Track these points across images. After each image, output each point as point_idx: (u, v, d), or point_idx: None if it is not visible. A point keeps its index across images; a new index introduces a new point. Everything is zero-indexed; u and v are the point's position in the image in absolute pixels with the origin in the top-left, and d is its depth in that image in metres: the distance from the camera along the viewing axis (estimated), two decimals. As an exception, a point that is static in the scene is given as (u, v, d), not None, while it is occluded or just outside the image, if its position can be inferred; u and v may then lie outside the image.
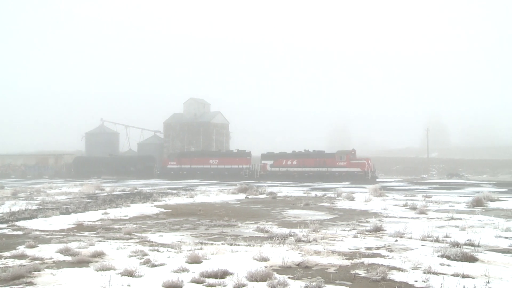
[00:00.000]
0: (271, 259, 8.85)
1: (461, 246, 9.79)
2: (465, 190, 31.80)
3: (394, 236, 11.68)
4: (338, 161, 51.13)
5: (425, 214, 16.60)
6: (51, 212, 17.16)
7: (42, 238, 11.70)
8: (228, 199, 24.36)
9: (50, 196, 25.88)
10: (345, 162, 50.87)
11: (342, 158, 51.08)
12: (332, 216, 16.48)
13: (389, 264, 8.52)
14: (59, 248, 9.73)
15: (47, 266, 8.40)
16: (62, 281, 7.35)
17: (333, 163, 51.37)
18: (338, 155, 51.67)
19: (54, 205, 20.70)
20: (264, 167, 54.83)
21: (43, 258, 9.03)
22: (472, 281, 7.22)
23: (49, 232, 12.85)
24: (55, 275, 7.71)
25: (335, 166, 51.24)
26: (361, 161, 51.17)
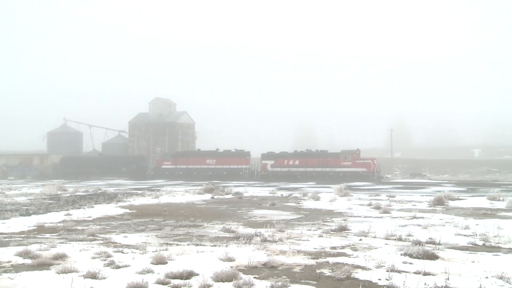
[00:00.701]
0: (237, 259, 8.83)
1: (423, 245, 9.99)
2: (427, 190, 32.55)
3: (359, 235, 11.83)
4: (342, 161, 50.34)
5: (389, 214, 16.89)
6: (9, 214, 16.66)
7: (0, 241, 11.35)
8: (194, 199, 24.21)
9: (9, 198, 25.13)
10: (350, 162, 50.08)
11: (347, 158, 50.23)
12: (298, 216, 16.58)
13: (353, 263, 8.62)
14: (18, 251, 9.43)
15: (4, 270, 8.13)
16: (21, 285, 7.14)
17: (337, 163, 50.55)
18: (343, 155, 50.76)
19: (14, 206, 20.11)
20: (264, 167, 53.58)
21: (1, 262, 8.74)
22: (433, 278, 7.38)
23: (8, 234, 12.46)
24: (13, 279, 7.48)
25: (340, 166, 50.39)
26: (366, 161, 50.42)
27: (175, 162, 57.95)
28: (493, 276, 7.56)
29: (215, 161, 56.31)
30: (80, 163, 65.01)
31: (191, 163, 57.13)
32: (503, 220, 14.76)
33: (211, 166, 56.32)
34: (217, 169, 55.71)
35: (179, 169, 57.36)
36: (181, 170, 57.19)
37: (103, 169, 62.11)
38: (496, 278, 7.47)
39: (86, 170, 62.27)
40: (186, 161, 57.55)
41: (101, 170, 62.01)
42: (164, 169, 58.18)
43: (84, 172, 61.52)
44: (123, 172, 60.73)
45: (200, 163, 56.83)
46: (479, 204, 20.58)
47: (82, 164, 64.42)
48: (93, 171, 61.93)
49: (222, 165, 55.71)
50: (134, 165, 61.51)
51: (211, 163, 56.48)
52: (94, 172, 61.63)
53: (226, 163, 55.66)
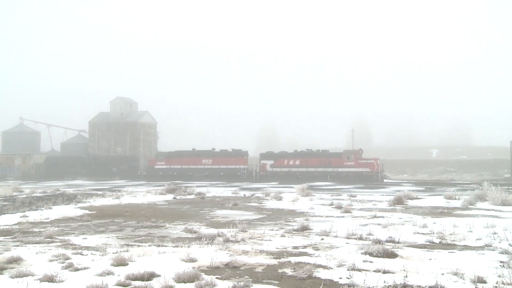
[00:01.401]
0: (199, 259, 8.79)
1: (383, 243, 10.18)
2: (387, 189, 33.21)
3: (320, 234, 11.95)
4: (345, 161, 49.47)
5: (350, 213, 17.13)
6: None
7: (-47, 243, 10.91)
8: (156, 199, 23.95)
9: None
10: (353, 162, 49.22)
11: (350, 158, 49.43)
12: (260, 216, 16.63)
13: (315, 262, 8.70)
14: (-29, 254, 9.11)
15: (-43, 273, 7.84)
16: (-26, 289, 6.89)
17: (340, 163, 49.71)
18: (346, 155, 50.06)
19: (-33, 208, 19.39)
20: (263, 167, 52.23)
21: (-47, 265, 8.41)
22: (392, 276, 7.53)
23: (-39, 237, 12.01)
24: (-34, 283, 7.21)
25: (342, 166, 49.56)
26: (369, 161, 49.56)
27: (169, 162, 55.93)
28: (449, 273, 7.78)
29: (212, 161, 54.51)
30: (66, 163, 62.77)
31: (185, 163, 55.20)
32: (458, 218, 15.20)
33: (207, 166, 54.50)
34: (213, 169, 53.92)
35: (173, 169, 55.46)
36: (175, 170, 55.26)
37: (92, 169, 60.23)
38: (451, 274, 7.69)
39: (73, 170, 60.21)
40: (180, 161, 55.53)
41: (90, 170, 60.11)
42: (157, 169, 56.06)
43: (71, 172, 59.42)
44: (113, 173, 58.78)
45: (196, 163, 54.93)
46: (437, 203, 21.14)
47: (68, 164, 62.21)
48: (80, 172, 59.95)
49: (219, 165, 53.97)
50: (125, 165, 59.72)
51: (207, 163, 54.67)
52: (82, 173, 59.69)
53: (223, 163, 53.97)
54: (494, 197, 20.47)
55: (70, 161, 63.49)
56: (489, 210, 18.07)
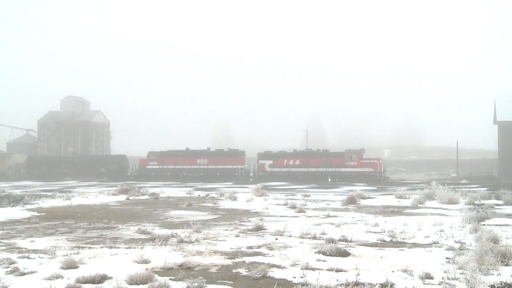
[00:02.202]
0: (153, 261, 8.66)
1: (336, 242, 10.34)
2: (341, 189, 33.79)
3: (275, 234, 12.02)
4: (347, 161, 48.47)
5: (304, 213, 17.31)
6: None
7: None
8: (108, 200, 23.45)
9: None
10: (356, 162, 48.26)
11: (353, 158, 48.39)
12: (215, 216, 16.57)
13: (269, 262, 8.74)
14: None
15: None
16: None
17: (342, 163, 48.67)
18: (348, 155, 48.88)
19: None
20: (262, 167, 50.73)
21: None
22: (345, 275, 7.66)
23: None
24: None
25: (345, 166, 48.52)
26: (372, 161, 48.78)
27: (162, 162, 53.78)
28: (399, 270, 7.98)
29: (207, 161, 52.68)
30: (50, 163, 60.11)
31: (179, 163, 53.12)
32: (408, 217, 15.64)
33: (202, 167, 52.63)
34: (209, 170, 52.15)
35: (166, 170, 53.35)
36: (169, 170, 53.19)
37: (78, 170, 57.93)
38: (401, 271, 7.90)
39: (57, 171, 57.61)
40: (174, 161, 53.35)
41: (76, 171, 57.77)
42: (149, 170, 53.78)
43: (55, 173, 56.73)
44: (102, 173, 56.54)
45: (190, 163, 52.95)
46: (388, 202, 21.68)
47: (52, 164, 59.60)
48: (66, 172, 57.47)
49: (216, 165, 52.17)
50: (114, 165, 57.53)
51: (202, 163, 52.77)
52: (68, 174, 57.19)
53: (220, 163, 52.22)
54: (441, 196, 21.20)
55: (55, 161, 61.02)
56: (437, 208, 18.68)
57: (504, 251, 8.75)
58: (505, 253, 8.70)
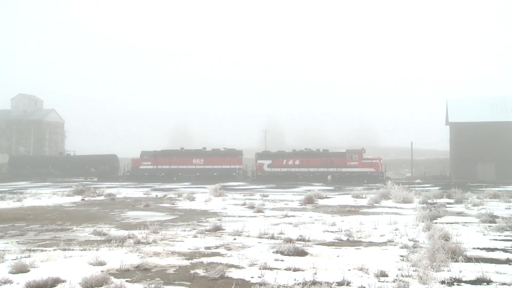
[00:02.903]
0: (108, 262, 8.49)
1: (294, 242, 10.42)
2: (299, 189, 34.10)
3: (233, 234, 12.01)
4: (348, 161, 47.91)
5: (262, 213, 17.37)
6: None
7: None
8: (63, 201, 22.84)
9: None
10: (357, 162, 47.76)
11: (354, 158, 47.88)
12: (173, 217, 16.41)
13: (227, 262, 8.72)
14: None
15: None
16: None
17: (343, 163, 48.06)
18: (349, 155, 48.37)
19: None
20: (260, 168, 49.87)
21: None
22: (302, 274, 7.72)
23: None
24: None
25: (346, 166, 47.91)
26: (374, 161, 48.31)
27: (156, 162, 52.27)
28: (355, 268, 8.12)
29: (203, 161, 51.46)
30: (36, 163, 57.62)
31: (174, 163, 51.77)
32: (364, 216, 15.94)
33: (198, 167, 51.41)
34: (206, 170, 50.98)
35: (160, 170, 52.07)
36: (163, 170, 51.97)
37: (66, 169, 55.71)
38: (357, 270, 8.04)
39: (43, 171, 55.41)
40: (168, 161, 51.98)
41: (64, 171, 55.59)
42: (142, 170, 52.24)
43: (41, 173, 54.67)
44: (91, 173, 54.73)
45: (186, 163, 51.70)
46: (345, 201, 22.03)
47: (37, 164, 57.13)
48: (52, 173, 55.30)
49: (212, 165, 51.07)
50: (105, 165, 55.50)
51: (198, 163, 51.53)
52: (54, 174, 55.09)
53: (217, 163, 51.16)
54: (396, 195, 21.72)
55: (41, 161, 58.58)
56: (392, 207, 19.12)
57: (454, 248, 9.05)
58: (455, 250, 8.99)
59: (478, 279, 7.41)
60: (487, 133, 52.98)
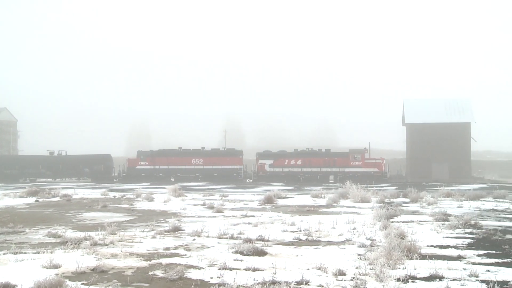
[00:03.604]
0: (63, 265, 8.27)
1: (253, 242, 10.43)
2: (258, 189, 34.20)
3: (192, 235, 11.94)
4: (352, 161, 47.77)
5: (222, 213, 17.33)
6: None
7: None
8: (15, 203, 22.10)
9: None
10: (360, 162, 47.68)
11: (357, 158, 47.77)
12: (131, 218, 16.16)
13: (186, 263, 8.66)
14: None
15: None
16: None
17: (346, 163, 47.87)
18: (352, 155, 48.19)
19: None
20: (261, 168, 49.17)
21: None
22: (262, 274, 7.74)
23: None
24: None
25: (349, 166, 47.70)
26: (377, 161, 48.30)
27: (153, 162, 50.82)
28: (314, 268, 8.21)
29: (203, 161, 50.29)
30: (26, 163, 54.70)
31: (172, 163, 50.49)
32: (323, 215, 16.13)
33: (198, 167, 50.29)
34: (206, 170, 50.01)
35: (158, 170, 50.67)
36: (161, 171, 50.64)
37: (57, 170, 53.18)
38: (316, 269, 8.13)
39: (33, 171, 52.95)
40: (166, 161, 50.66)
41: (55, 171, 53.12)
42: (139, 170, 50.72)
43: (31, 173, 52.38)
44: (85, 174, 52.58)
45: (184, 163, 50.47)
46: (304, 201, 22.24)
47: (28, 164, 54.23)
48: (44, 173, 52.86)
49: (213, 166, 49.95)
50: (100, 166, 53.22)
51: (198, 163, 50.36)
52: (45, 174, 52.71)
53: (217, 163, 50.09)
54: (354, 195, 22.10)
55: (31, 161, 55.53)
56: (350, 207, 19.44)
57: (410, 246, 9.29)
58: (410, 248, 9.23)
59: (431, 276, 7.63)
60: (441, 133, 54.66)
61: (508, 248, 10.01)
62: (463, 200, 22.28)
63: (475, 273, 7.70)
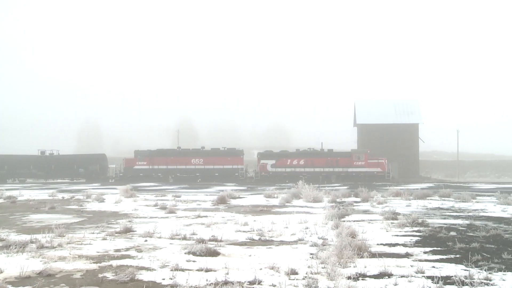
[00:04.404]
0: (6, 270, 7.94)
1: (206, 242, 10.38)
2: (212, 189, 34.07)
3: (144, 236, 11.75)
4: (355, 161, 47.98)
5: (175, 213, 17.15)
6: None
7: None
8: (-44, 205, 21.09)
9: None
10: (363, 162, 47.91)
11: (360, 158, 48.00)
12: (81, 219, 15.73)
13: (138, 264, 8.51)
14: None
15: None
16: None
17: (349, 163, 48.02)
18: (356, 155, 48.48)
19: None
20: (264, 167, 48.73)
21: None
22: (214, 274, 7.71)
23: None
24: None
25: (352, 166, 47.91)
26: (380, 161, 48.42)
27: (152, 162, 49.81)
28: (266, 267, 8.24)
29: (203, 161, 49.63)
30: (15, 163, 51.80)
31: (171, 163, 49.67)
32: (276, 215, 16.23)
33: (198, 167, 49.54)
34: (206, 170, 49.32)
35: (157, 170, 49.74)
36: (160, 171, 49.76)
37: (50, 170, 50.75)
38: (269, 269, 8.16)
39: (24, 172, 50.45)
40: (165, 161, 49.76)
41: (48, 172, 50.69)
42: (137, 170, 49.64)
43: (21, 174, 49.99)
44: (80, 174, 50.37)
45: (184, 163, 49.64)
46: (257, 201, 22.31)
47: (17, 164, 51.47)
48: (35, 173, 50.44)
49: (213, 165, 49.32)
50: (95, 165, 51.05)
51: (198, 163, 49.64)
52: (37, 175, 50.30)
53: (218, 163, 49.46)
54: (307, 194, 22.36)
55: (20, 161, 52.66)
56: (303, 207, 19.65)
57: (360, 245, 9.48)
58: (361, 246, 9.42)
59: (381, 273, 7.81)
60: (391, 134, 56.23)
61: (451, 244, 10.37)
62: (411, 199, 22.96)
63: (422, 269, 7.94)
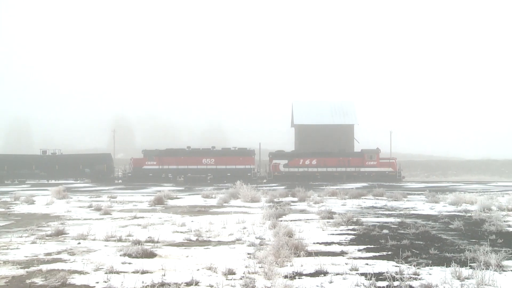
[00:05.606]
0: None
1: (142, 244, 10.16)
2: (148, 190, 33.51)
3: (77, 238, 11.37)
4: (367, 161, 48.04)
5: (110, 215, 16.72)
6: None
7: None
8: None
9: None
10: (375, 162, 48.03)
11: (373, 158, 48.04)
12: (8, 222, 14.98)
13: (70, 268, 8.22)
14: None
15: None
16: None
17: (361, 162, 48.10)
18: (367, 154, 48.35)
19: None
20: (276, 168, 48.25)
21: None
22: (151, 276, 7.57)
23: None
24: None
25: (364, 166, 47.98)
26: (391, 160, 49.06)
27: (161, 162, 48.10)
28: (204, 268, 8.19)
29: (215, 161, 48.31)
30: (16, 163, 48.12)
31: (182, 163, 48.06)
32: (214, 216, 16.19)
33: (210, 167, 48.21)
34: (218, 170, 48.03)
35: (167, 170, 48.14)
36: (170, 171, 48.16)
37: (55, 170, 47.38)
38: (206, 269, 8.12)
39: (25, 172, 47.06)
40: (175, 161, 48.05)
41: (52, 172, 47.36)
42: (146, 170, 47.84)
43: (22, 174, 46.81)
44: (85, 174, 47.51)
45: (195, 163, 48.16)
46: (195, 202, 22.16)
47: (19, 164, 47.84)
48: (38, 174, 47.13)
49: (225, 165, 48.08)
50: (102, 165, 47.90)
51: (209, 163, 48.30)
52: (39, 175, 47.07)
53: (229, 163, 48.19)
54: (245, 195, 22.45)
55: (22, 161, 48.96)
56: (240, 207, 19.71)
57: (297, 244, 9.62)
58: (297, 245, 9.56)
59: (317, 272, 7.96)
60: (327, 134, 57.58)
61: (384, 242, 10.74)
62: (347, 198, 23.59)
63: (356, 267, 8.17)
